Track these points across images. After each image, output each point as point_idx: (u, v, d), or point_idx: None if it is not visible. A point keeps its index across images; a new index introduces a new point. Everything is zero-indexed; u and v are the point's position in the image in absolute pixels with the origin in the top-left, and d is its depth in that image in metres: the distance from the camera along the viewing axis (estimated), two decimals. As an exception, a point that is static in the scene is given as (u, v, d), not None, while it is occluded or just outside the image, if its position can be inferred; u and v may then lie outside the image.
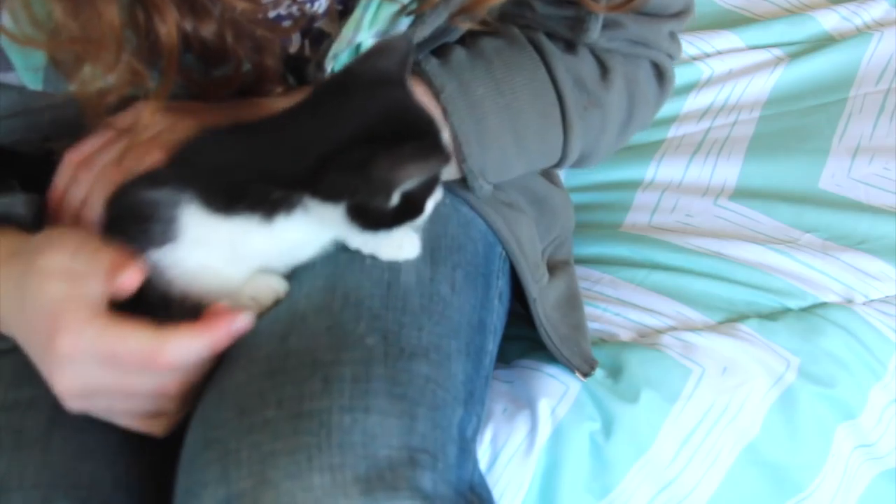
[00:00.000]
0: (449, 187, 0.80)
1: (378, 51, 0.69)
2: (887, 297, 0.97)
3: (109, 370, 0.64)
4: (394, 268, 0.72)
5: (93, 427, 0.70)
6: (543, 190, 0.96)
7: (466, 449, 0.69)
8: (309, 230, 0.68)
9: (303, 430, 0.61)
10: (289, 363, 0.64)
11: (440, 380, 0.67)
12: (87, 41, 0.64)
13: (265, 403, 0.62)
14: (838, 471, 0.91)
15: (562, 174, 1.11)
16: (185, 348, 0.64)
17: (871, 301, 0.96)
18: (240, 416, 0.63)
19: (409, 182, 0.64)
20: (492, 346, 0.80)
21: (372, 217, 0.66)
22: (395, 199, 0.65)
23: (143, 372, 0.65)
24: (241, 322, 0.66)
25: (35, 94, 0.73)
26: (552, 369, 0.90)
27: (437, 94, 0.76)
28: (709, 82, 1.19)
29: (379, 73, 0.68)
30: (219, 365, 0.68)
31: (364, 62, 0.69)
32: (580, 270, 1.00)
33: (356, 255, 0.71)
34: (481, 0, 0.75)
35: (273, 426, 0.61)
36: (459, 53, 0.79)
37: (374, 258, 0.72)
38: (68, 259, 0.65)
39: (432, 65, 0.77)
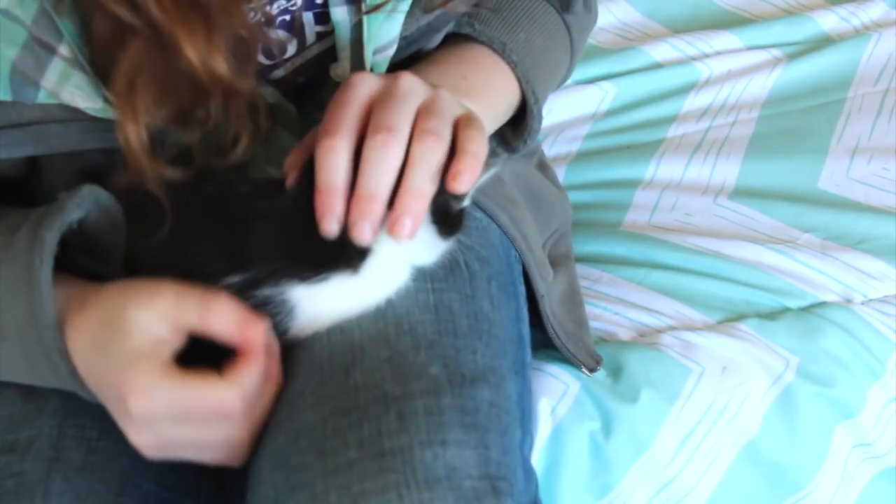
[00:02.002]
0: None
1: None
2: (886, 296, 0.97)
3: (184, 424, 0.65)
4: (436, 288, 0.72)
5: (93, 468, 0.70)
6: (538, 183, 0.96)
7: (529, 469, 0.71)
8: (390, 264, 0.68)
9: (388, 468, 0.61)
10: (360, 399, 0.64)
11: (501, 403, 0.68)
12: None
13: (346, 444, 0.62)
14: (837, 470, 0.92)
15: (560, 172, 1.12)
16: (249, 382, 0.65)
17: (870, 301, 0.97)
18: (322, 458, 0.63)
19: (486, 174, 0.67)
20: (529, 357, 0.81)
21: (457, 218, 0.68)
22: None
23: (218, 420, 0.65)
24: (263, 332, 0.65)
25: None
26: (552, 368, 0.90)
27: (500, 51, 0.80)
28: (708, 82, 1.19)
29: None
30: (281, 402, 0.68)
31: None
32: (580, 269, 1.01)
33: None
34: None
35: (358, 466, 0.61)
36: (484, 11, 0.82)
37: (414, 279, 0.71)
38: (156, 316, 0.64)
39: (482, 27, 0.80)
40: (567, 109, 1.19)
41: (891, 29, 1.20)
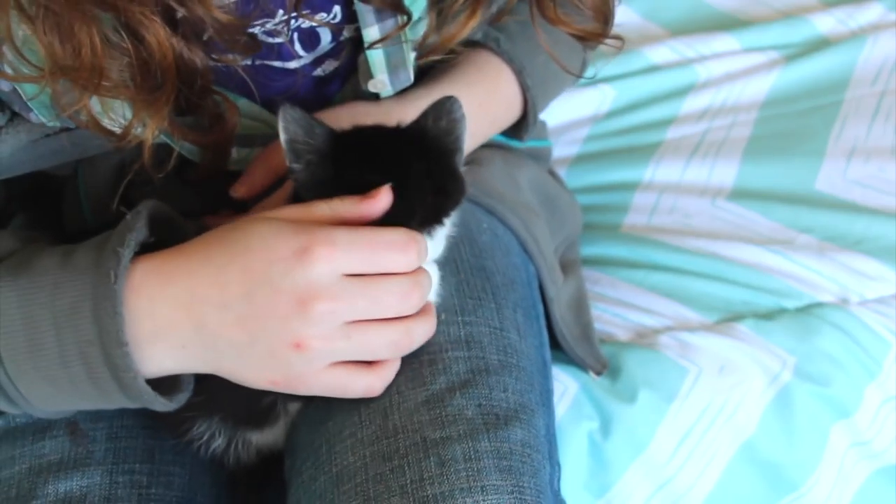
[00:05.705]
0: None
1: None
2: (882, 296, 0.97)
3: (360, 280, 0.62)
4: (466, 322, 0.74)
5: None
6: (553, 189, 0.98)
7: (560, 502, 0.73)
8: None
9: None
10: (400, 444, 0.66)
11: (532, 441, 0.70)
12: (75, 69, 0.61)
13: (389, 490, 0.64)
14: (833, 469, 0.92)
15: (560, 174, 1.13)
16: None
17: (867, 301, 0.97)
18: None
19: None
20: (552, 384, 0.82)
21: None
22: None
23: (395, 262, 0.63)
24: None
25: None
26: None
27: (517, 71, 0.85)
28: (706, 84, 1.19)
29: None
30: (320, 439, 0.70)
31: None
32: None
33: None
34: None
35: None
36: (513, 27, 0.85)
37: (445, 311, 0.73)
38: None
39: (505, 44, 0.84)
40: (566, 112, 1.19)
41: (887, 31, 1.20)
